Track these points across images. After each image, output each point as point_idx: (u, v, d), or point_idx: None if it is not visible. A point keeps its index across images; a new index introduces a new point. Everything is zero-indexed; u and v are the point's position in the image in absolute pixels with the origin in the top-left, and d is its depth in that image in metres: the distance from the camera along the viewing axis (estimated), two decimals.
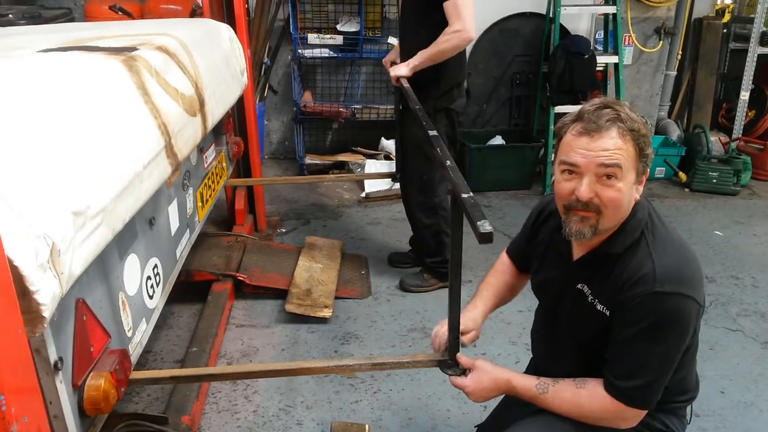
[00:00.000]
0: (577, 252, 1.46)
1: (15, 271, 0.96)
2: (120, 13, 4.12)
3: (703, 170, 4.70)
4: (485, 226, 1.24)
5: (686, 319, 1.30)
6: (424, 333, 2.90)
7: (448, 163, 1.67)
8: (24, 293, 0.99)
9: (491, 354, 2.74)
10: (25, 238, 1.00)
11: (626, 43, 5.08)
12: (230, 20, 3.20)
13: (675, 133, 5.22)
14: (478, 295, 1.75)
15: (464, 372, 1.58)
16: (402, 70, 2.89)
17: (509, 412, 1.69)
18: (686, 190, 4.77)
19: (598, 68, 4.68)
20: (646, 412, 1.37)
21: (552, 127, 4.60)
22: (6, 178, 1.03)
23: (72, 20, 4.39)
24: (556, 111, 4.59)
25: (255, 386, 2.52)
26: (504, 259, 1.81)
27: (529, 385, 1.46)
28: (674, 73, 5.31)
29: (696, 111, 5.38)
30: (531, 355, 1.81)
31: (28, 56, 1.80)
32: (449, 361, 1.60)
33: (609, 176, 1.27)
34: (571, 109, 4.63)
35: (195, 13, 4.23)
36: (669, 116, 5.46)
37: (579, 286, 1.44)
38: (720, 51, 5.27)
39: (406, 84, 2.84)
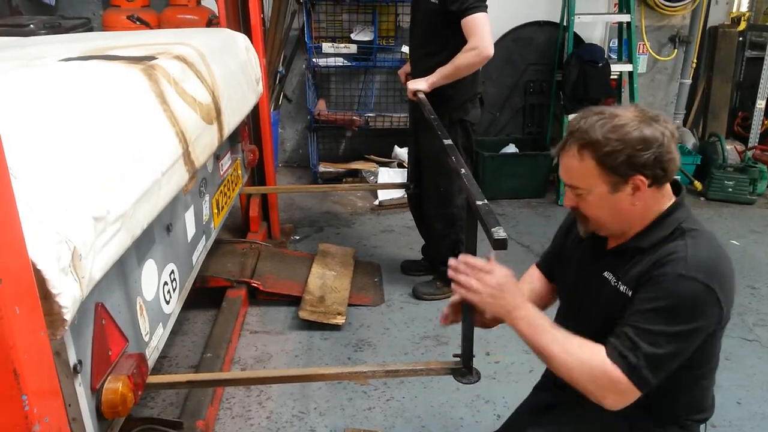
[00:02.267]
0: (609, 245, 1.46)
1: (38, 274, 0.98)
2: (138, 23, 4.19)
3: (719, 179, 4.66)
4: (499, 233, 1.25)
5: (703, 311, 1.26)
6: (437, 341, 2.90)
7: (463, 171, 1.67)
8: (46, 296, 1.01)
9: (505, 363, 2.74)
10: (47, 243, 1.02)
11: (640, 51, 5.07)
12: (246, 30, 3.24)
13: (690, 141, 5.18)
14: None
15: (478, 380, 1.55)
16: (421, 84, 2.90)
17: (523, 421, 1.68)
18: (702, 198, 4.74)
19: (612, 76, 4.67)
20: (638, 394, 1.28)
21: (565, 135, 4.59)
22: (30, 184, 1.06)
23: (91, 30, 4.47)
24: (569, 119, 4.57)
25: (268, 392, 2.53)
26: (532, 271, 1.76)
27: (539, 315, 1.37)
28: (689, 81, 5.29)
29: (711, 119, 5.35)
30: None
31: (50, 65, 1.84)
32: (463, 369, 1.57)
33: (577, 192, 1.36)
34: None
35: (211, 22, 4.29)
36: (684, 125, 5.43)
37: (605, 274, 1.43)
38: (735, 59, 5.24)
39: (422, 96, 2.86)
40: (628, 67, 4.66)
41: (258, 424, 2.37)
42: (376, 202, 4.54)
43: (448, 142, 2.08)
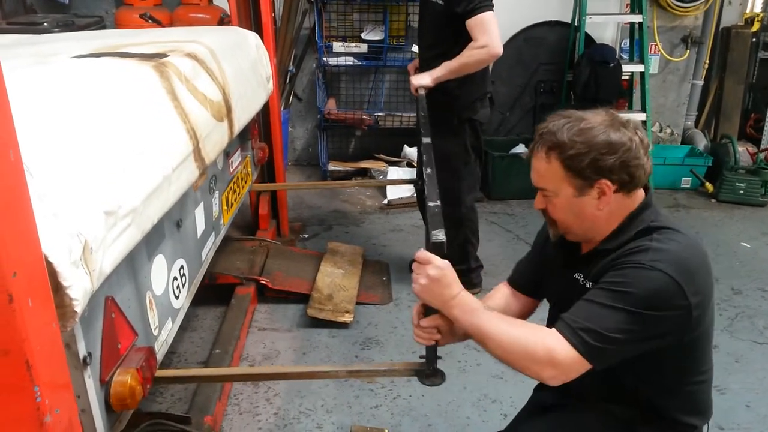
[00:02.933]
0: (582, 251, 1.47)
1: (50, 267, 1.00)
2: (150, 21, 4.22)
3: (731, 181, 4.63)
4: (438, 236, 1.29)
5: (663, 300, 1.23)
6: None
7: (428, 171, 1.67)
8: (57, 288, 1.03)
9: (511, 371, 2.72)
10: (59, 236, 1.03)
11: (652, 52, 5.04)
12: (257, 28, 3.25)
13: (702, 143, 5.16)
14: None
15: (442, 381, 1.54)
16: (425, 79, 2.88)
17: (524, 422, 1.68)
18: (713, 200, 4.70)
19: (623, 77, 4.65)
20: (583, 365, 1.25)
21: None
22: (43, 179, 1.07)
23: (104, 28, 4.50)
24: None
25: (276, 389, 2.55)
26: (503, 288, 1.71)
27: (474, 300, 1.37)
28: (701, 82, 5.25)
29: (723, 121, 5.31)
30: None
31: (64, 62, 1.86)
32: (427, 371, 1.54)
33: (545, 194, 1.38)
34: None
35: (223, 21, 4.31)
36: (696, 126, 5.40)
37: (575, 275, 1.44)
38: (749, 60, 5.20)
39: (422, 92, 2.84)
40: (640, 68, 4.64)
41: (265, 420, 2.38)
42: (385, 202, 4.54)
43: (426, 140, 2.08)
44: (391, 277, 3.46)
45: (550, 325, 1.40)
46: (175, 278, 1.84)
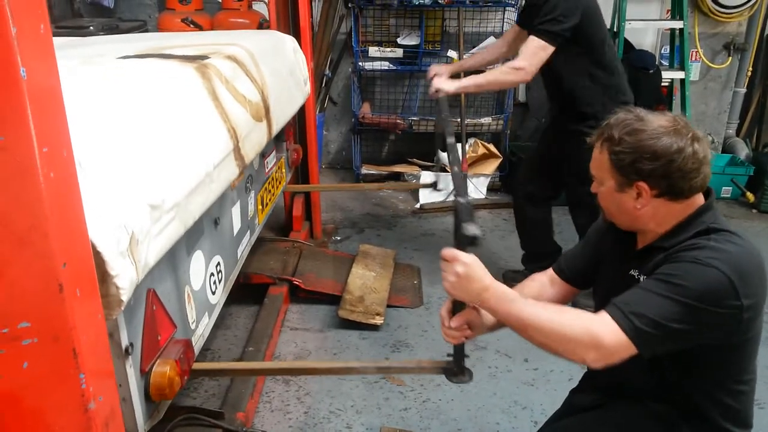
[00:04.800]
0: (638, 245, 1.47)
1: (98, 257, 1.04)
2: (191, 25, 4.32)
3: None
4: (470, 230, 1.31)
5: (715, 296, 1.23)
6: (474, 345, 2.88)
7: (455, 169, 1.73)
8: (104, 278, 1.07)
9: (544, 370, 2.71)
10: (108, 227, 1.07)
11: (693, 58, 4.94)
12: (295, 33, 3.30)
13: (743, 152, 5.03)
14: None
15: (470, 380, 1.54)
16: (449, 85, 2.84)
17: (558, 421, 1.68)
18: (754, 211, 4.58)
19: (663, 83, 4.57)
20: (626, 351, 1.25)
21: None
22: (93, 172, 1.11)
23: (146, 31, 4.63)
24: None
25: (307, 388, 2.57)
26: (549, 273, 1.71)
27: (507, 289, 1.37)
28: (744, 90, 5.13)
29: (766, 129, 5.17)
30: (584, 371, 1.77)
31: (110, 62, 1.92)
32: (455, 369, 1.54)
33: (596, 181, 1.44)
34: None
35: (262, 26, 4.39)
36: (737, 134, 5.27)
37: (632, 272, 1.44)
38: None
39: (442, 95, 2.81)
40: (680, 75, 4.55)
41: (296, 419, 2.41)
42: (418, 206, 4.55)
43: (450, 140, 2.11)
44: (422, 281, 3.47)
45: None
46: (212, 274, 1.88)
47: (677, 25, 4.52)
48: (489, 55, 3.06)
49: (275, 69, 2.53)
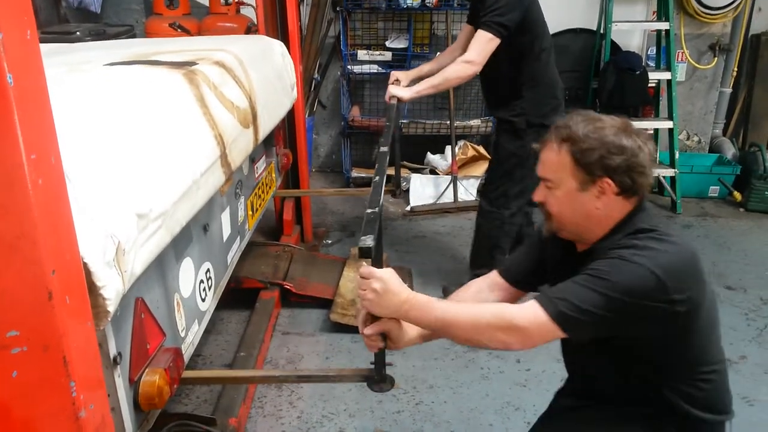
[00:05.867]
0: (578, 250, 1.50)
1: (84, 267, 1.03)
2: (179, 30, 4.30)
3: (759, 190, 4.55)
4: (366, 242, 1.28)
5: (641, 292, 1.27)
6: (467, 347, 2.89)
7: (376, 179, 1.69)
8: (91, 288, 1.06)
9: (536, 371, 2.72)
10: (94, 237, 1.07)
11: (679, 59, 4.99)
12: (284, 37, 3.30)
13: (730, 151, 5.08)
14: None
15: (391, 387, 1.54)
16: (404, 92, 2.89)
17: (549, 422, 1.69)
18: (741, 209, 4.63)
19: (650, 84, 4.61)
20: (548, 332, 1.29)
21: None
22: (79, 181, 1.11)
23: (134, 37, 4.61)
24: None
25: (299, 392, 2.57)
26: (493, 277, 1.71)
27: (426, 297, 1.37)
28: (729, 90, 5.18)
29: (752, 129, 5.21)
30: None
31: (96, 70, 1.91)
32: (376, 377, 1.53)
33: (547, 186, 1.43)
34: None
35: (250, 30, 4.38)
36: (724, 134, 5.32)
37: (571, 274, 1.44)
38: None
39: (394, 102, 2.86)
40: (667, 75, 4.59)
41: (289, 424, 2.40)
42: (408, 208, 4.56)
43: (384, 149, 2.10)
44: (414, 283, 3.47)
45: None
46: (202, 281, 1.88)
47: (663, 26, 4.57)
48: (446, 59, 3.11)
49: (263, 74, 2.53)
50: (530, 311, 1.30)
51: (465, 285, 1.73)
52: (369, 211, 1.44)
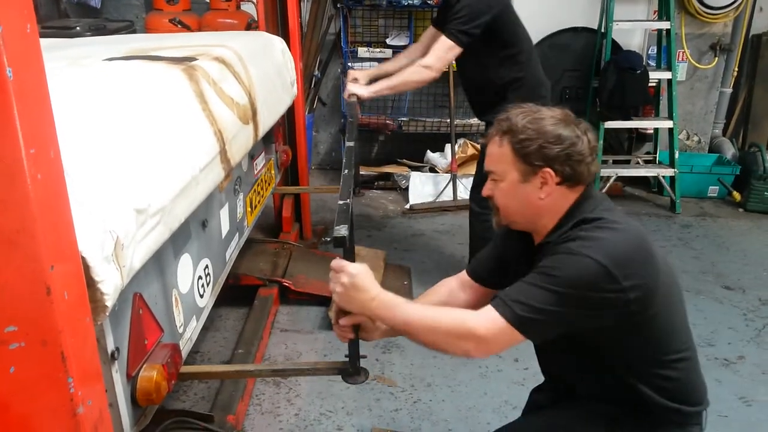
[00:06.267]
0: (535, 243, 1.51)
1: (83, 262, 1.02)
2: (179, 26, 4.29)
3: (759, 190, 4.55)
4: (340, 231, 1.32)
5: (591, 284, 1.28)
6: None
7: (345, 172, 1.71)
8: (89, 283, 1.05)
9: (534, 369, 2.70)
10: (93, 232, 1.06)
11: (680, 59, 4.98)
12: (284, 34, 3.29)
13: (729, 151, 5.08)
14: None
15: (365, 379, 1.56)
16: (361, 90, 2.89)
17: (524, 420, 1.71)
18: (740, 210, 4.63)
19: (650, 84, 4.60)
20: (507, 337, 1.29)
21: (601, 142, 4.54)
22: (77, 176, 1.10)
23: (134, 32, 4.60)
24: (606, 126, 4.54)
25: (297, 390, 2.56)
26: (448, 282, 1.72)
27: (393, 296, 1.38)
28: (730, 90, 5.17)
29: (752, 129, 5.22)
30: None
31: (96, 64, 1.91)
32: (350, 369, 1.54)
33: (493, 178, 1.46)
34: (621, 125, 4.61)
35: (250, 26, 4.37)
36: (724, 134, 5.32)
37: (529, 268, 1.45)
38: None
39: (354, 99, 2.87)
40: (667, 75, 4.59)
41: (287, 421, 2.40)
42: (407, 206, 4.55)
43: (350, 144, 2.13)
44: (413, 281, 3.47)
45: None
46: (200, 277, 1.87)
47: (664, 25, 4.56)
48: (407, 59, 3.12)
49: (263, 70, 2.52)
50: (488, 318, 1.30)
51: (437, 284, 1.74)
52: (341, 202, 1.47)
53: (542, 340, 1.37)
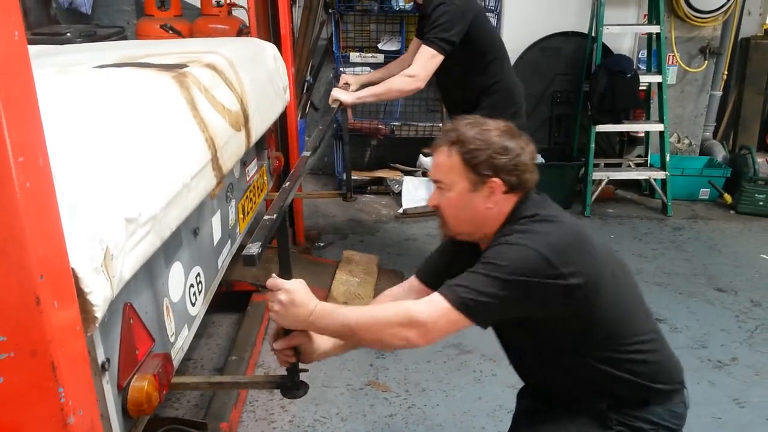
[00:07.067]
0: (482, 248, 1.53)
1: (72, 273, 1.01)
2: (170, 31, 4.28)
3: (750, 192, 4.58)
4: (250, 250, 1.27)
5: (527, 270, 1.31)
6: (459, 349, 2.89)
7: (287, 184, 1.68)
8: (78, 294, 1.04)
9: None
10: (81, 242, 1.05)
11: (670, 62, 5.01)
12: (276, 39, 3.29)
13: (720, 154, 5.11)
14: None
15: (305, 393, 1.53)
16: (346, 96, 2.91)
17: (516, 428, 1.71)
18: (731, 212, 4.65)
19: (641, 87, 4.63)
20: (451, 320, 1.31)
21: (593, 146, 4.56)
22: (67, 186, 1.09)
23: (125, 38, 4.58)
24: (597, 130, 4.55)
25: None
26: (394, 290, 1.74)
27: (331, 305, 1.39)
28: (720, 93, 5.21)
29: (742, 132, 5.26)
30: None
31: (85, 72, 1.90)
32: (288, 384, 1.52)
33: (440, 187, 1.48)
34: (613, 128, 4.64)
35: (242, 32, 4.37)
36: (714, 137, 5.35)
37: None
38: None
39: (336, 106, 2.90)
40: (657, 78, 4.62)
41: (281, 428, 2.39)
42: (400, 211, 4.56)
43: (306, 153, 2.11)
44: None
45: None
46: (192, 285, 1.86)
47: (654, 29, 4.59)
48: (395, 67, 3.15)
49: (255, 77, 2.52)
50: (430, 302, 1.33)
51: (380, 294, 1.76)
52: (266, 217, 1.40)
53: (486, 324, 1.39)
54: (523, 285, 1.32)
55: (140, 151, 1.40)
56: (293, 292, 1.35)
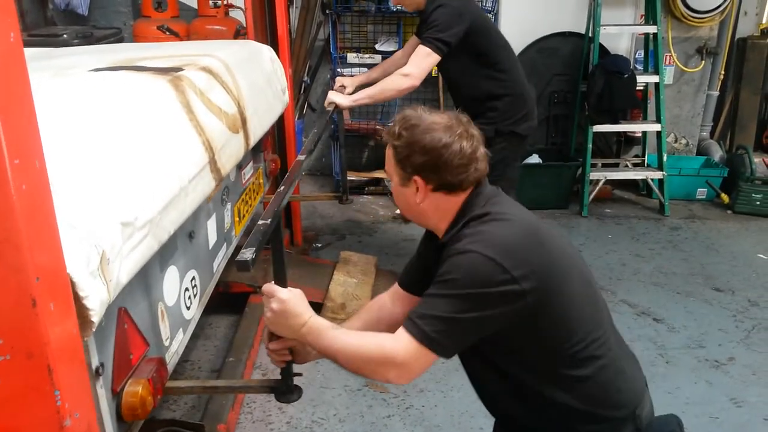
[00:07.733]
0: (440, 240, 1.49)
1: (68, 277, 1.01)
2: (168, 33, 4.28)
3: (746, 192, 4.59)
4: (244, 255, 1.26)
5: (484, 279, 1.25)
6: None
7: (282, 188, 1.68)
8: (75, 299, 1.04)
9: None
10: (77, 247, 1.05)
11: (667, 62, 5.02)
12: (273, 40, 3.29)
13: (717, 153, 5.12)
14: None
15: (298, 398, 1.54)
16: (342, 100, 2.92)
17: None
18: (728, 212, 4.66)
19: (638, 87, 4.64)
20: (423, 359, 1.27)
21: (590, 146, 4.57)
22: (63, 191, 1.09)
23: (122, 39, 4.58)
24: (594, 130, 4.56)
25: None
26: (382, 297, 1.71)
27: (323, 323, 1.37)
28: (716, 93, 5.22)
29: (739, 131, 5.27)
30: None
31: (81, 75, 1.90)
32: (282, 388, 1.52)
33: (388, 177, 1.48)
34: (610, 128, 4.64)
35: (239, 33, 4.37)
36: (711, 137, 5.36)
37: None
38: (764, 71, 5.16)
39: (331, 108, 2.91)
40: (654, 79, 4.63)
41: (278, 429, 2.39)
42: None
43: (301, 157, 2.10)
44: None
45: None
46: (187, 289, 1.86)
47: (651, 29, 4.60)
48: (391, 67, 3.15)
49: (252, 79, 2.52)
50: (401, 341, 1.27)
51: (372, 300, 1.73)
52: (260, 222, 1.40)
53: (456, 352, 1.33)
54: (480, 297, 1.26)
55: (136, 154, 1.40)
56: (286, 302, 1.33)
